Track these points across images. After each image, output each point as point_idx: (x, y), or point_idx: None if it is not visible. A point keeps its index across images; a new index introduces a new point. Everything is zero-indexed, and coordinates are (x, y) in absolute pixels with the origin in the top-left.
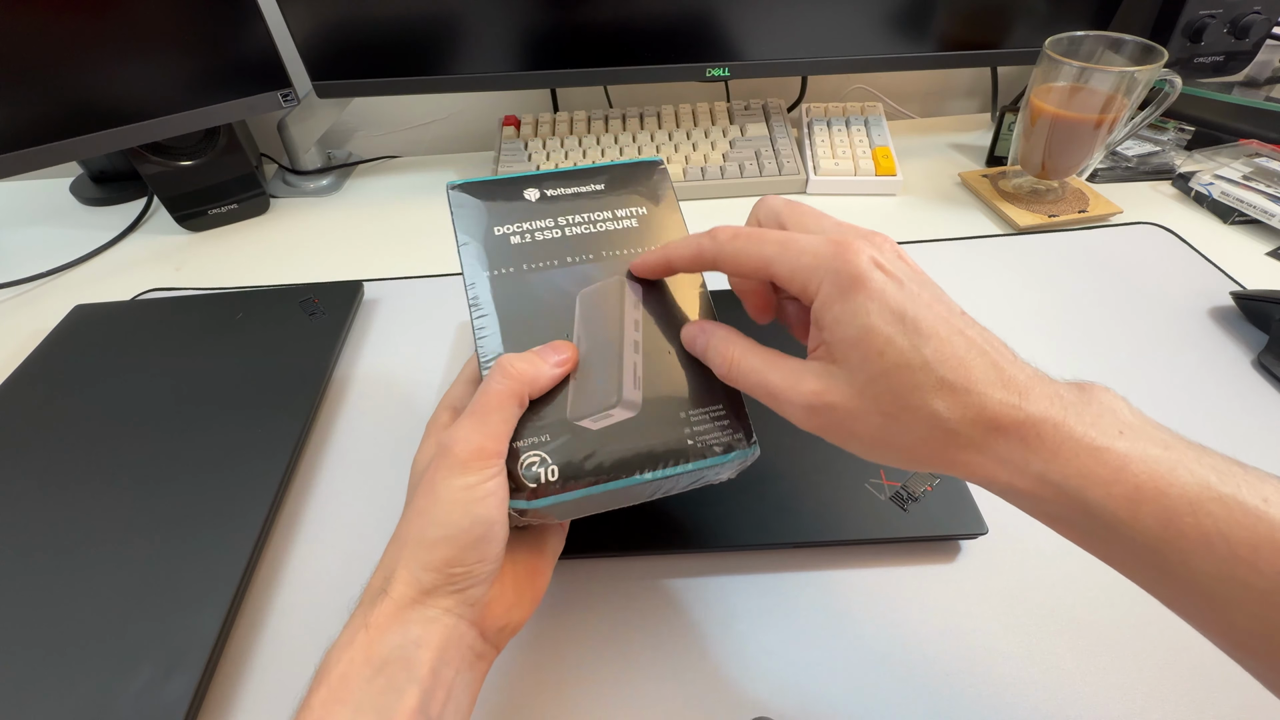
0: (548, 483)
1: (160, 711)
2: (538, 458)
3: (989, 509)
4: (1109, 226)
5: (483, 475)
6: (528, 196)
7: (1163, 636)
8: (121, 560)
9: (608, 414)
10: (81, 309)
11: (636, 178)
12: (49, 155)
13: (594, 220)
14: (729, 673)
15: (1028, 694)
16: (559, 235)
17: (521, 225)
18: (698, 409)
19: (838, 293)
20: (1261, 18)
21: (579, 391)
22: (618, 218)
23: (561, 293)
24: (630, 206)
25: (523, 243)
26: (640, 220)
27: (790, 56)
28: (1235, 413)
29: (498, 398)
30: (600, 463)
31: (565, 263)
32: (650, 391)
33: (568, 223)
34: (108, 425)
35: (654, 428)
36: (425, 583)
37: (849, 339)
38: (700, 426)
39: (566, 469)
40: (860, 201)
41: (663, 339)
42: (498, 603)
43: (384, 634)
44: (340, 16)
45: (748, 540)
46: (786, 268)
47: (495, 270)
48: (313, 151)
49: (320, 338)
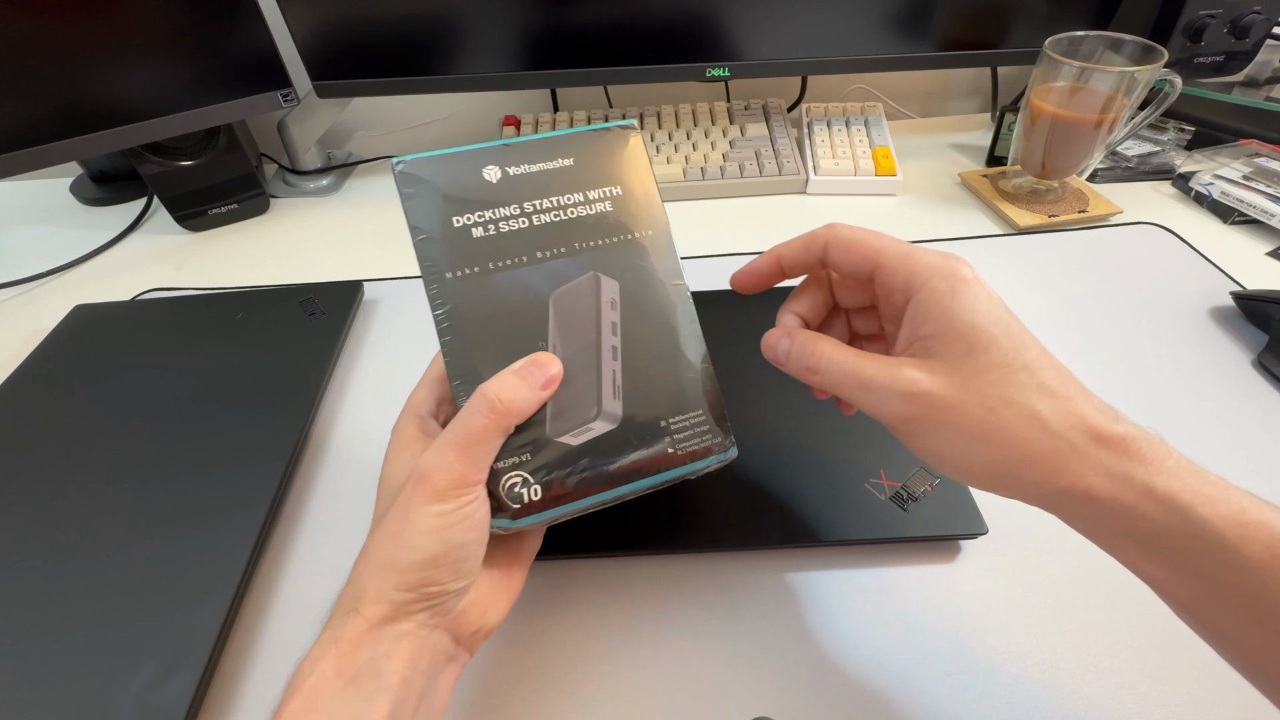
0: (531, 502)
1: (160, 711)
2: (520, 478)
3: (989, 509)
4: (1109, 226)
5: (460, 502)
6: (488, 176)
7: (1163, 636)
8: (121, 560)
9: (588, 428)
10: (81, 309)
11: (607, 148)
12: (49, 155)
13: (564, 205)
14: (729, 673)
15: (1028, 694)
16: (526, 225)
17: (484, 215)
18: (678, 416)
19: (948, 289)
20: (1261, 18)
21: (557, 405)
22: (590, 201)
23: (533, 294)
24: (603, 186)
25: (486, 235)
26: (615, 202)
27: (790, 56)
28: (1235, 413)
29: (483, 432)
30: (583, 478)
31: (535, 259)
32: (630, 401)
33: (535, 209)
34: (108, 425)
35: (635, 438)
36: (398, 601)
37: (955, 332)
38: (681, 434)
39: (549, 487)
40: (860, 201)
41: (642, 343)
42: (472, 609)
43: (355, 649)
44: (340, 16)
45: (748, 541)
46: (896, 258)
47: (458, 271)
48: (313, 151)
49: (320, 338)
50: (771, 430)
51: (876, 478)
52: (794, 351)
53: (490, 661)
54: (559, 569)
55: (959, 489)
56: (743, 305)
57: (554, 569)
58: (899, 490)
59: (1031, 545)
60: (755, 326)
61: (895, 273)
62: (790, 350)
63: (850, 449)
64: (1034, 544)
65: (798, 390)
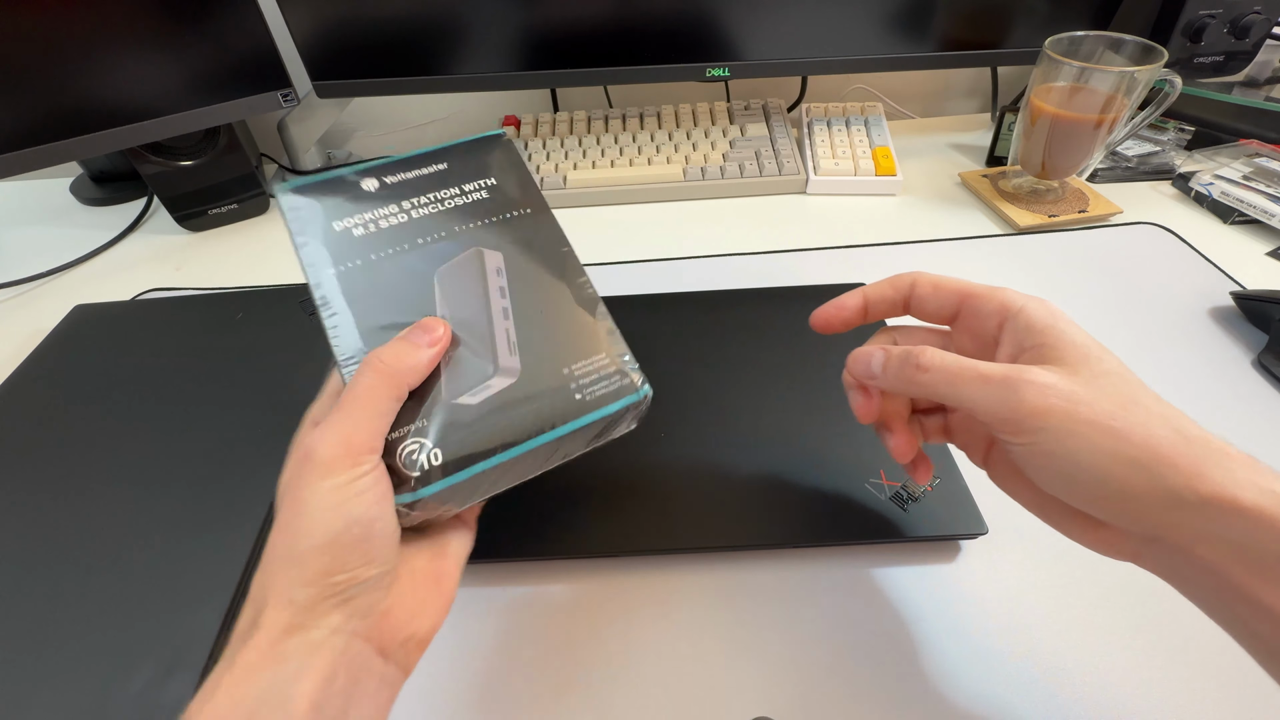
0: (431, 468)
1: (160, 711)
2: (416, 445)
3: (989, 509)
4: (1109, 226)
5: (353, 474)
6: (366, 187)
7: (1163, 636)
8: (122, 560)
9: (486, 385)
10: (81, 309)
11: (481, 153)
12: (49, 155)
13: (441, 199)
14: (729, 673)
15: (1028, 694)
16: (405, 220)
17: (364, 216)
18: (580, 361)
19: (1047, 311)
20: (1261, 18)
21: (452, 369)
22: (466, 192)
23: (417, 275)
24: (478, 179)
25: (367, 234)
26: (490, 191)
27: (790, 56)
28: (1235, 413)
29: (367, 391)
30: (486, 437)
31: (416, 244)
32: (528, 354)
33: (413, 205)
34: (108, 425)
35: (537, 390)
36: (302, 600)
37: (1066, 339)
38: (586, 379)
39: (449, 450)
40: (860, 201)
41: (532, 301)
42: (396, 612)
43: (253, 674)
44: (340, 16)
45: (748, 541)
46: (986, 289)
47: (340, 265)
48: (313, 151)
49: (320, 337)
50: (771, 431)
51: (876, 478)
52: (895, 357)
53: (489, 661)
54: (557, 572)
55: (959, 489)
56: (744, 307)
57: (552, 572)
58: (899, 490)
59: (1031, 545)
60: (756, 327)
61: (987, 300)
62: (888, 359)
63: (850, 449)
64: (1034, 544)
65: (797, 390)
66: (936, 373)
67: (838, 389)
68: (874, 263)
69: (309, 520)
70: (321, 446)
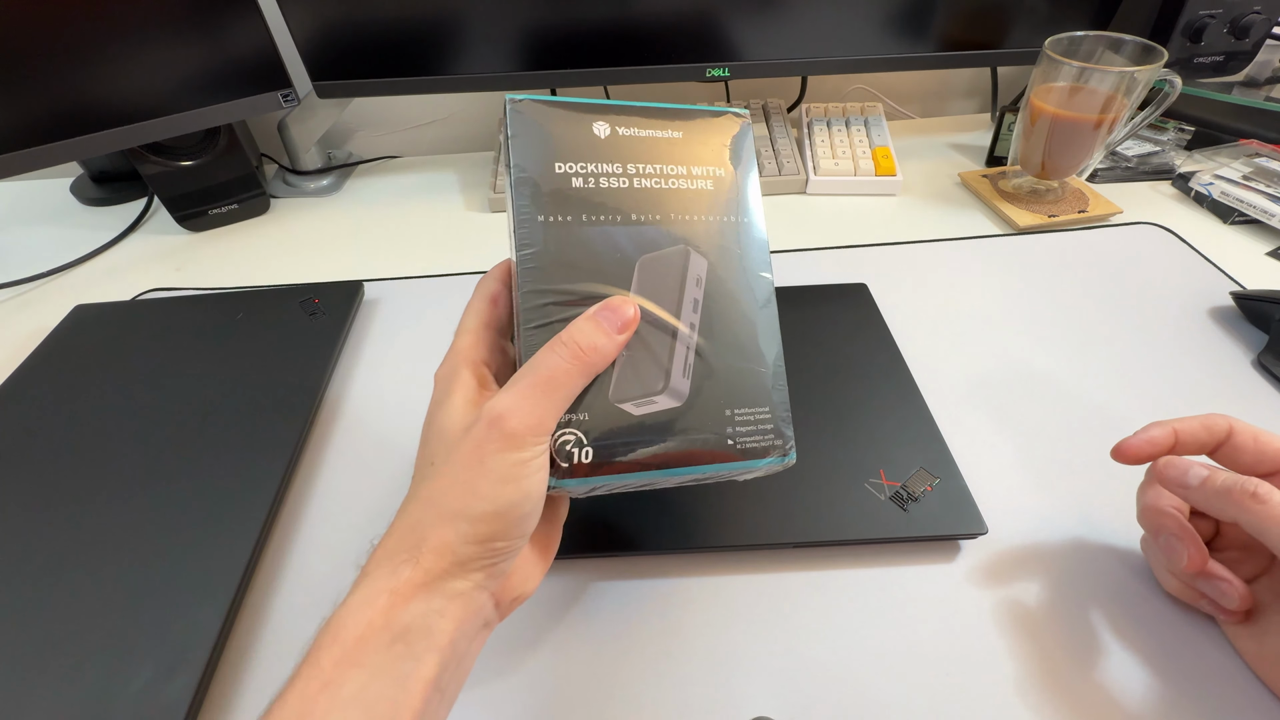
0: (580, 464)
1: (160, 711)
2: (573, 436)
3: (989, 509)
4: (1109, 226)
5: (535, 451)
6: (597, 131)
7: (1163, 636)
8: (122, 560)
9: (650, 400)
10: (81, 309)
11: (718, 130)
12: (49, 155)
13: (667, 174)
14: (729, 673)
15: (1028, 694)
16: (626, 185)
17: (587, 166)
18: (744, 408)
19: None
20: (1261, 18)
21: (624, 370)
22: (693, 176)
23: (619, 252)
24: (708, 165)
25: (584, 187)
26: (716, 183)
27: (790, 56)
28: (1235, 413)
29: (565, 376)
30: (636, 451)
31: (630, 220)
32: (698, 383)
33: (638, 172)
34: (108, 425)
35: (697, 423)
36: (462, 555)
37: None
38: (744, 427)
39: (601, 452)
40: (860, 201)
41: (718, 327)
42: (516, 574)
43: (409, 602)
44: (340, 16)
45: (748, 540)
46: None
47: (551, 216)
48: (313, 151)
49: (320, 338)
50: None
51: (876, 478)
52: (1220, 479)
53: (488, 661)
54: (554, 569)
55: (959, 489)
56: None
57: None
58: (899, 490)
59: (1031, 545)
60: None
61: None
62: (1210, 479)
63: (850, 449)
64: (1034, 544)
65: (797, 390)
66: (1272, 506)
67: (838, 389)
68: (874, 263)
69: (488, 486)
70: (514, 419)
